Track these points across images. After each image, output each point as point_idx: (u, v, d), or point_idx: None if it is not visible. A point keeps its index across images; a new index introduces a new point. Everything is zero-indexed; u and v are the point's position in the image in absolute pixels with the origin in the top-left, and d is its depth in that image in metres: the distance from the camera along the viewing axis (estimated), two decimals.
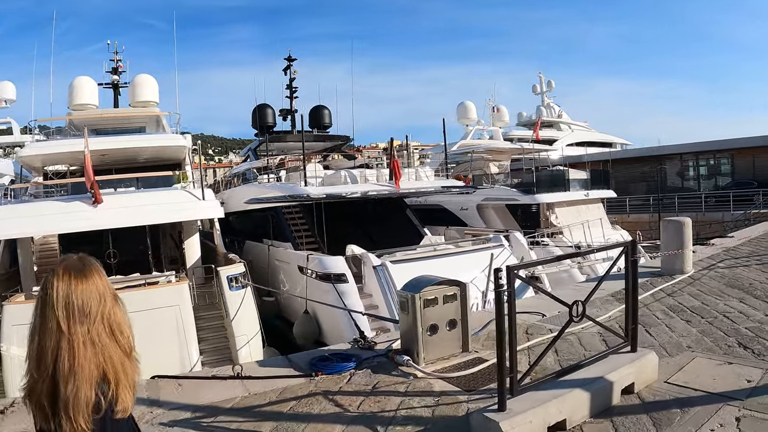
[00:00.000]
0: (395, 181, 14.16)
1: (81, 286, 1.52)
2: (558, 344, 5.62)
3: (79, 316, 1.48)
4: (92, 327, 1.50)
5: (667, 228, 9.22)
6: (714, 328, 5.88)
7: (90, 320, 1.50)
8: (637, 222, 22.72)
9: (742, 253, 10.62)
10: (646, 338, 5.71)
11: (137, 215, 12.09)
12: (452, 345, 5.43)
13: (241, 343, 11.00)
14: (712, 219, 21.10)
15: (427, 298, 5.22)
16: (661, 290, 7.92)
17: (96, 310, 1.52)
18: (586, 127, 42.67)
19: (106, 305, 1.55)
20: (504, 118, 24.65)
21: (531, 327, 6.56)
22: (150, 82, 17.52)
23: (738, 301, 6.97)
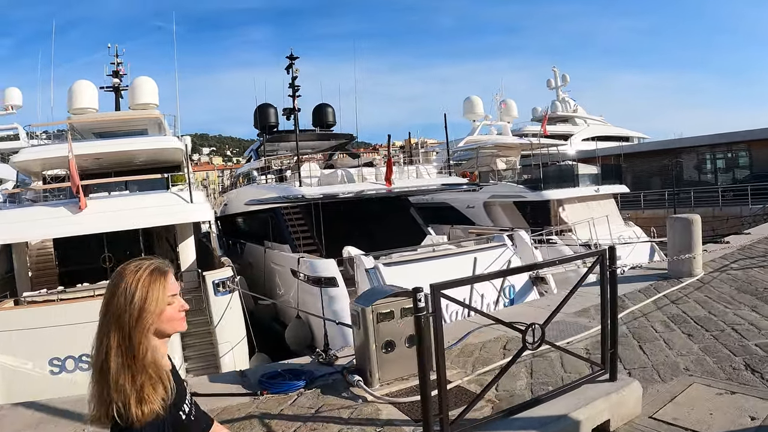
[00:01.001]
0: (386, 179, 13.46)
1: (143, 291, 1.51)
2: (535, 364, 4.88)
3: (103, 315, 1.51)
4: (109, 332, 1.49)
5: (674, 226, 8.29)
6: (719, 344, 5.02)
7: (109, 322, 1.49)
8: (652, 218, 21.47)
9: (758, 252, 9.60)
10: (637, 357, 4.90)
11: (123, 219, 11.70)
12: (414, 363, 4.78)
13: (225, 350, 10.48)
14: (730, 214, 19.73)
15: (380, 312, 4.61)
16: (665, 296, 7.04)
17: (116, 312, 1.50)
18: (602, 121, 41.07)
19: (154, 308, 1.53)
20: (512, 112, 23.60)
21: (495, 345, 5.76)
22: (149, 85, 17.12)
23: (750, 309, 6.06)
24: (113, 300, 1.50)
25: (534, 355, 4.99)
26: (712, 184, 23.17)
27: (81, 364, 9.72)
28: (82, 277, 12.91)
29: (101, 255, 13.99)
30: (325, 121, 19.44)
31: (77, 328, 9.46)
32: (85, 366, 9.96)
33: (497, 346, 5.74)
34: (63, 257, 13.99)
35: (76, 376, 9.59)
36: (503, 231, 14.79)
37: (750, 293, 6.77)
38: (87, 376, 1.55)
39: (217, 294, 11.14)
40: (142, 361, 1.47)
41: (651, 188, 23.84)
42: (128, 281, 1.52)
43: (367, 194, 13.46)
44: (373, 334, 4.54)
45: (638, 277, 8.39)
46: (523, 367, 4.79)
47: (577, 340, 5.57)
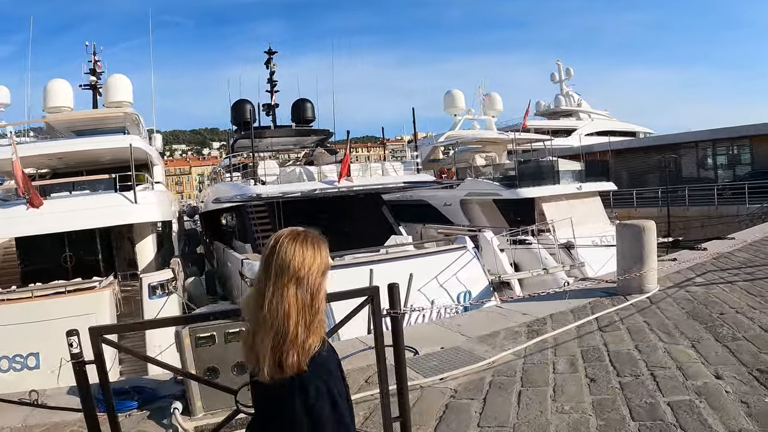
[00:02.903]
0: (339, 177, 12.23)
1: (293, 247, 1.52)
2: None
3: (276, 273, 1.49)
4: (285, 285, 1.49)
5: (623, 234, 6.82)
6: (622, 398, 3.67)
7: (286, 279, 1.49)
8: (645, 216, 19.46)
9: (735, 262, 8.00)
10: (501, 412, 3.60)
11: (67, 220, 10.90)
12: (246, 394, 3.69)
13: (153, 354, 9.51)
14: (726, 213, 17.74)
15: (199, 335, 4.01)
16: (597, 320, 5.63)
17: (295, 271, 1.50)
18: (606, 115, 38.71)
19: (308, 270, 1.51)
20: (497, 106, 21.86)
21: (360, 375, 4.52)
22: (123, 83, 16.30)
23: (689, 344, 4.63)
24: (289, 262, 1.50)
25: None
26: (712, 181, 21.06)
27: (14, 364, 9.09)
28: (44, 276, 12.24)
29: (62, 254, 13.31)
30: (303, 116, 18.26)
31: (8, 330, 8.93)
32: (18, 366, 9.38)
33: (361, 376, 4.53)
34: (25, 256, 13.33)
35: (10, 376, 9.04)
36: (471, 231, 13.41)
37: (700, 320, 5.30)
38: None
39: (151, 297, 10.26)
40: (319, 315, 1.54)
41: (651, 185, 21.86)
42: (309, 248, 1.54)
43: (317, 193, 12.25)
44: (190, 359, 3.97)
45: (581, 292, 6.97)
46: None
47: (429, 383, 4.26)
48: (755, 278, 6.85)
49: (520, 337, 5.28)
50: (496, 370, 4.50)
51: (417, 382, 4.33)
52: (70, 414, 4.00)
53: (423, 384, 4.34)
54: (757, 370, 3.93)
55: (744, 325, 5.01)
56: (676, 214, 18.24)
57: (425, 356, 5.08)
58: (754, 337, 4.64)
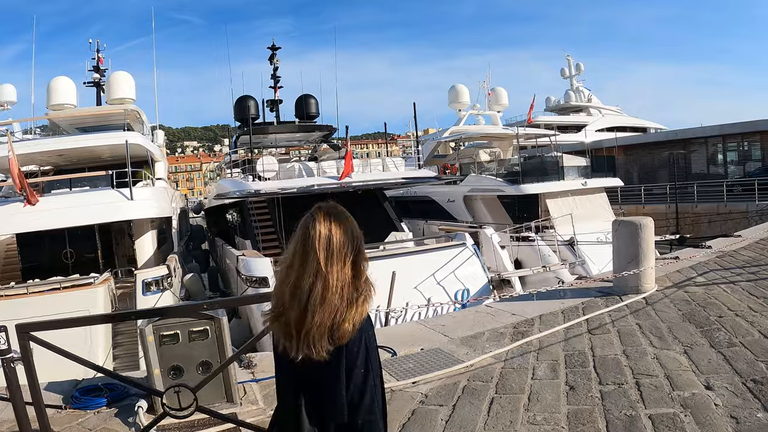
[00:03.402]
0: (342, 175, 11.97)
1: (339, 230, 1.53)
2: None
3: (335, 256, 1.50)
4: (344, 266, 1.51)
5: (619, 232, 6.47)
6: (600, 409, 3.37)
7: (342, 259, 1.51)
8: (652, 213, 18.96)
9: (738, 261, 7.59)
10: (468, 420, 3.33)
11: (61, 217, 10.81)
12: (211, 393, 3.96)
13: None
14: (735, 210, 17.08)
15: (163, 333, 3.93)
16: (587, 321, 5.32)
17: (348, 251, 1.52)
18: (617, 111, 37.82)
19: (355, 245, 1.55)
20: (502, 101, 21.34)
21: None
22: (126, 79, 16.21)
23: (681, 350, 4.30)
24: (329, 239, 1.51)
25: None
26: (722, 178, 20.33)
27: None
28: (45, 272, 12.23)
29: (63, 250, 13.29)
30: (307, 112, 18.02)
31: None
32: None
33: None
34: (26, 252, 13.34)
35: None
36: (473, 228, 13.08)
37: (697, 323, 4.96)
38: None
39: (145, 293, 10.14)
40: (365, 282, 1.56)
41: (659, 182, 21.21)
42: (348, 224, 1.56)
43: (314, 189, 12.03)
44: (153, 357, 3.88)
45: (576, 291, 6.63)
46: None
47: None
48: (759, 278, 6.45)
49: (503, 339, 4.99)
50: (473, 374, 4.24)
51: (389, 385, 4.12)
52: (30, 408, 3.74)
53: (394, 387, 4.13)
54: (751, 380, 3.60)
55: (742, 329, 4.66)
56: (684, 210, 17.66)
57: (403, 357, 4.84)
58: (752, 343, 4.29)
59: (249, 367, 4.94)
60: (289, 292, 1.52)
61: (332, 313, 1.47)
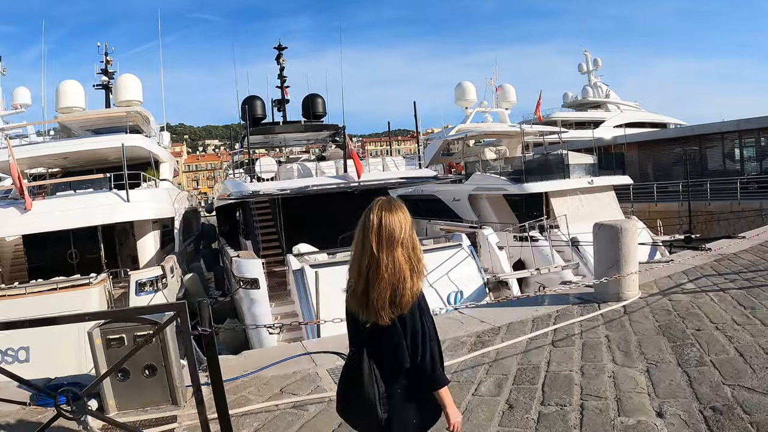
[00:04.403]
0: (357, 173, 11.77)
1: (391, 217, 1.83)
2: None
3: (386, 242, 1.81)
4: (393, 250, 1.81)
5: (599, 236, 6.07)
6: None
7: (393, 245, 1.81)
8: (665, 211, 18.18)
9: (736, 265, 7.06)
10: None
11: (59, 220, 10.99)
12: (157, 395, 4.09)
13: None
14: (748, 208, 16.12)
15: (110, 337, 4.02)
16: (555, 332, 4.98)
17: (398, 237, 1.82)
18: (636, 107, 36.50)
19: (405, 232, 1.84)
20: (510, 98, 20.68)
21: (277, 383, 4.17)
22: (133, 82, 16.38)
23: (644, 368, 3.94)
24: (393, 230, 1.82)
25: None
26: (738, 174, 19.27)
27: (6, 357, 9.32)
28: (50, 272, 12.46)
29: (68, 251, 13.48)
30: (314, 111, 17.87)
31: None
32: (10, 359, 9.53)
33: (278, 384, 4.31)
34: (31, 253, 13.59)
35: None
36: (473, 228, 12.71)
37: (670, 336, 4.57)
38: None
39: (138, 294, 10.18)
40: (421, 262, 1.88)
41: (674, 179, 20.28)
42: (400, 214, 1.87)
43: (309, 190, 11.87)
44: (101, 359, 3.96)
45: (555, 298, 6.26)
46: None
47: None
48: (753, 285, 5.96)
49: (461, 350, 4.70)
50: None
51: (327, 394, 3.97)
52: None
53: (332, 397, 3.92)
54: (710, 408, 3.22)
55: (718, 345, 4.24)
56: (697, 208, 16.81)
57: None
58: (724, 362, 3.89)
59: (206, 369, 4.92)
60: (356, 271, 1.86)
61: (387, 287, 1.78)
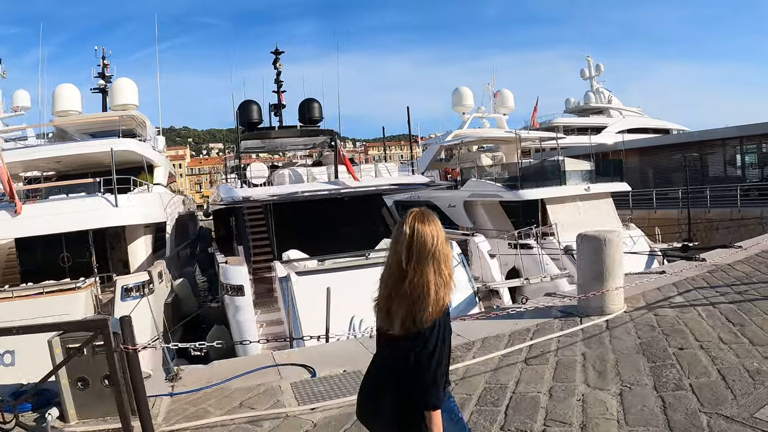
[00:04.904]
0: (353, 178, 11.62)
1: (424, 229, 1.78)
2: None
3: (417, 254, 1.75)
4: (423, 262, 1.75)
5: (582, 247, 5.80)
6: None
7: (424, 256, 1.75)
8: (664, 218, 17.81)
9: (730, 277, 6.74)
10: None
11: (50, 223, 10.88)
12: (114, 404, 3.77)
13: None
14: (749, 215, 15.71)
15: (69, 346, 3.89)
16: (529, 348, 4.72)
17: (430, 249, 1.76)
18: (638, 112, 36.07)
19: (436, 245, 1.77)
20: (508, 103, 20.36)
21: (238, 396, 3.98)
22: (129, 86, 16.31)
23: (617, 392, 3.67)
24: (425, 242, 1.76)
25: None
26: (740, 181, 18.84)
27: None
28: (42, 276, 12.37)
29: (60, 254, 13.37)
30: (310, 116, 17.70)
31: None
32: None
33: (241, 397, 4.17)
34: (24, 257, 13.51)
35: None
36: (465, 235, 12.45)
37: (651, 356, 4.29)
38: None
39: (124, 299, 10.02)
40: (450, 278, 1.82)
41: (675, 185, 19.89)
42: (432, 226, 1.80)
43: (297, 196, 11.69)
44: (63, 369, 3.87)
45: (537, 311, 5.97)
46: None
47: None
48: (744, 299, 5.66)
49: None
50: None
51: (285, 410, 3.82)
52: None
53: (290, 413, 3.79)
54: None
55: (700, 366, 3.97)
56: (696, 216, 16.44)
57: (320, 379, 4.47)
58: (704, 386, 3.61)
59: (173, 380, 4.76)
60: (383, 281, 1.83)
61: (412, 301, 1.73)
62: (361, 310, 9.10)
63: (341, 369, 4.63)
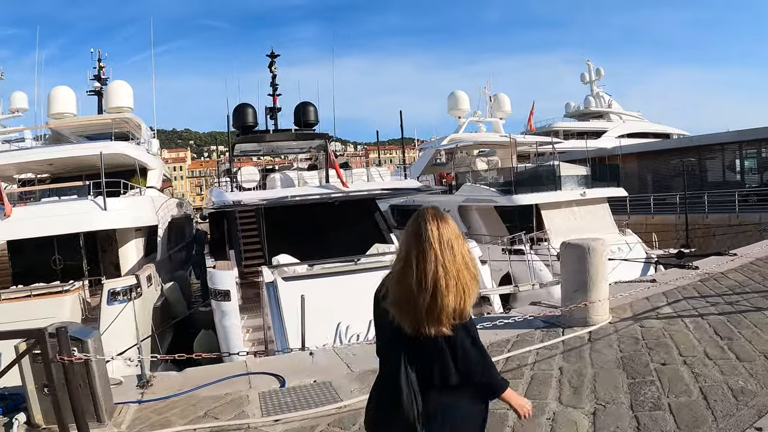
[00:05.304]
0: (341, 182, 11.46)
1: (446, 228, 1.75)
2: None
3: (446, 248, 1.71)
4: (455, 258, 1.71)
5: (565, 256, 5.60)
6: None
7: (454, 254, 1.72)
8: (661, 224, 17.52)
9: (722, 287, 6.50)
10: None
11: (39, 226, 10.77)
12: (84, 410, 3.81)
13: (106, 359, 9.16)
14: (747, 221, 15.39)
15: (36, 352, 3.84)
16: (506, 360, 4.55)
17: (457, 245, 1.74)
18: (638, 117, 35.76)
19: (461, 242, 1.76)
20: (504, 107, 20.12)
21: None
22: (124, 89, 16.22)
23: (591, 411, 3.46)
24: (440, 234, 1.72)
25: None
26: (740, 186, 18.52)
27: None
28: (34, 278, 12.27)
29: (52, 257, 13.26)
30: (305, 120, 17.54)
31: None
32: None
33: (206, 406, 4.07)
34: (15, 259, 13.40)
35: None
36: None
37: (631, 371, 4.08)
38: None
39: (111, 303, 9.89)
40: (475, 267, 1.79)
41: (673, 190, 19.59)
42: (452, 225, 1.78)
43: (287, 201, 11.54)
44: (29, 374, 3.87)
45: (520, 320, 5.74)
46: None
47: None
48: (735, 311, 5.42)
49: None
50: (338, 417, 3.66)
51: (248, 421, 3.69)
52: None
53: (252, 424, 3.65)
54: None
55: (682, 383, 3.74)
56: (694, 221, 16.16)
57: (289, 390, 4.34)
58: (683, 406, 3.39)
59: (144, 387, 4.64)
60: (416, 283, 1.70)
61: (457, 295, 1.69)
62: (347, 317, 8.92)
63: (312, 379, 4.49)
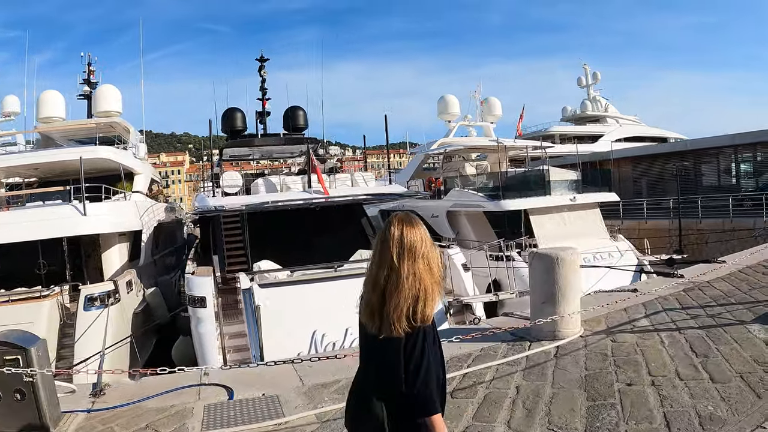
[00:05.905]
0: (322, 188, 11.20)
1: (411, 231, 1.76)
2: None
3: (407, 254, 1.72)
4: (415, 262, 1.71)
5: (533, 267, 5.25)
6: None
7: (414, 257, 1.72)
8: (654, 229, 17.12)
9: (706, 296, 6.14)
10: None
11: (19, 231, 10.58)
12: (28, 419, 3.89)
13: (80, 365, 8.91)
14: (741, 226, 14.95)
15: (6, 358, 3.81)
16: (463, 376, 4.21)
17: (420, 250, 1.73)
18: (635, 121, 35.33)
19: (426, 246, 1.75)
20: (495, 111, 19.75)
21: None
22: (112, 93, 15.99)
23: None
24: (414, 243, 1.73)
25: None
26: (735, 191, 18.05)
27: None
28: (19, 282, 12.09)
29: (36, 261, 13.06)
30: (294, 124, 17.27)
31: None
32: None
33: (152, 417, 3.80)
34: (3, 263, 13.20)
35: None
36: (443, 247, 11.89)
37: (594, 392, 3.74)
38: None
39: (87, 309, 9.66)
40: (438, 275, 1.77)
41: (668, 195, 19.17)
42: (419, 229, 1.78)
43: (268, 206, 11.28)
44: None
45: (487, 333, 5.40)
46: None
47: None
48: (716, 324, 5.06)
49: (328, 397, 3.97)
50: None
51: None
52: None
53: None
54: None
55: (645, 408, 3.40)
56: (688, 226, 15.74)
57: (235, 402, 4.12)
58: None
59: (96, 395, 4.47)
60: (371, 282, 1.75)
61: (405, 299, 1.68)
62: (324, 324, 8.62)
63: (261, 392, 4.22)
